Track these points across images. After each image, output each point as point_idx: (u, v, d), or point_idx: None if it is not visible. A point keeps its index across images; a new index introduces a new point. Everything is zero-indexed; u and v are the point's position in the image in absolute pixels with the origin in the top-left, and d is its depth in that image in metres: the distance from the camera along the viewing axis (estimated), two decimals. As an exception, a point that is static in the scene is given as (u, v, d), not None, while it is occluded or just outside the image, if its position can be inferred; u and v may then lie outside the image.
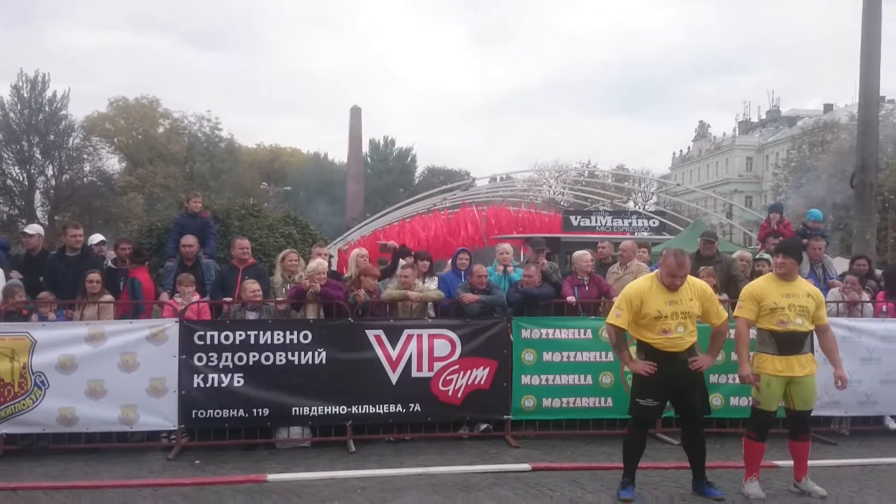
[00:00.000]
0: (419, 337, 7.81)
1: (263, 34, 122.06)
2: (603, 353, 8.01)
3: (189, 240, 9.48)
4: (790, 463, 6.38)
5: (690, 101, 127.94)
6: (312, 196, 55.26)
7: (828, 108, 65.63)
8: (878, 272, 10.33)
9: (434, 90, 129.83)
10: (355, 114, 46.48)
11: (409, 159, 72.46)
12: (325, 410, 7.61)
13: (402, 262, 9.41)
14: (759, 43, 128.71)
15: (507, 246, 9.84)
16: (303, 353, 7.59)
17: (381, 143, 71.39)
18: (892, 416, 8.54)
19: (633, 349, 6.24)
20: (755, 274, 8.55)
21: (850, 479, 6.67)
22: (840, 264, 11.55)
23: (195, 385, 7.40)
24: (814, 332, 6.27)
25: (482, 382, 7.91)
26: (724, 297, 8.33)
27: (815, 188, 40.37)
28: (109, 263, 9.90)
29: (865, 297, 8.96)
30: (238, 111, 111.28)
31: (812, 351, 6.25)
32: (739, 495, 6.11)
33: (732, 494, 6.12)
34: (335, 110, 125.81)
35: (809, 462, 6.32)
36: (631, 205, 44.31)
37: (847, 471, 6.98)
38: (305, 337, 7.61)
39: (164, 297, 8.75)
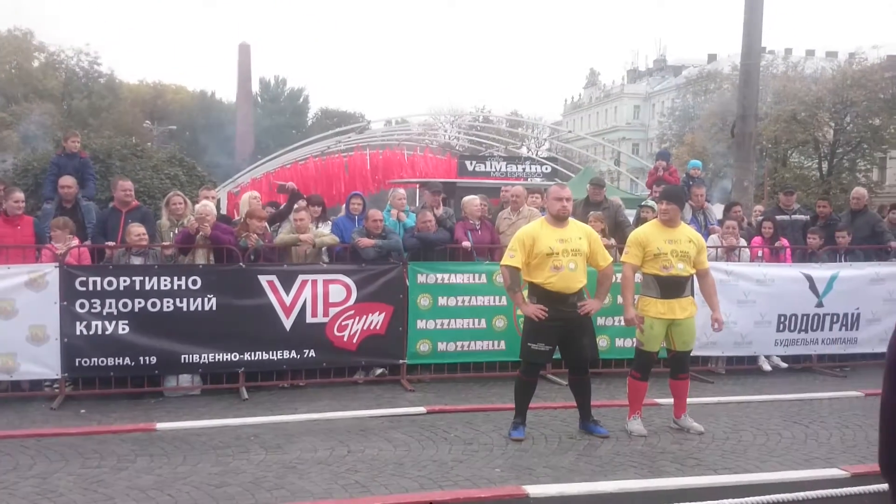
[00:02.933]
0: (314, 282, 7.72)
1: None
2: (497, 298, 8.15)
3: (67, 181, 8.97)
4: (671, 401, 6.71)
5: (581, 48, 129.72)
6: (199, 136, 53.19)
7: (711, 58, 67.80)
8: (756, 218, 10.85)
9: (328, 28, 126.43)
10: (244, 51, 44.85)
11: (301, 99, 70.58)
12: (216, 358, 7.45)
13: (294, 206, 9.20)
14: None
15: (401, 191, 9.78)
16: (192, 300, 7.37)
17: (272, 82, 69.22)
18: (766, 356, 9.11)
19: (525, 293, 6.37)
20: (640, 221, 8.84)
21: (726, 416, 7.09)
22: (720, 210, 12.08)
23: (78, 333, 7.09)
24: (695, 276, 6.56)
25: (378, 327, 7.92)
26: (612, 241, 8.59)
27: (697, 137, 42.01)
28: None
29: (742, 242, 9.42)
30: (119, 45, 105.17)
31: (692, 294, 6.55)
32: (623, 432, 6.40)
33: (616, 432, 6.41)
34: (223, 46, 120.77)
35: (688, 400, 6.68)
36: (524, 150, 44.84)
37: (723, 408, 7.41)
38: (194, 283, 7.38)
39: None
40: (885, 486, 4.90)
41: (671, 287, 6.33)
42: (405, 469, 5.48)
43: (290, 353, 7.66)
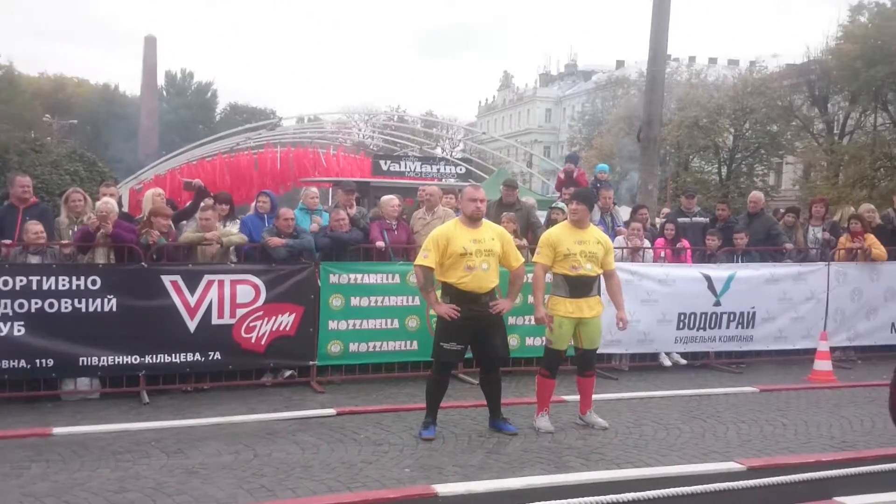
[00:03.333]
0: (220, 282, 7.54)
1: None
2: (410, 298, 8.15)
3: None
4: (577, 398, 6.86)
5: (496, 51, 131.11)
6: (101, 131, 51.26)
7: (619, 64, 69.66)
8: (659, 220, 11.21)
9: (236, 22, 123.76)
10: (150, 43, 43.36)
11: (209, 94, 68.74)
12: (116, 360, 7.19)
13: (200, 204, 8.97)
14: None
15: (314, 190, 9.66)
16: (91, 300, 7.09)
17: (179, 75, 67.22)
18: (666, 353, 9.42)
19: (438, 293, 6.40)
20: (551, 222, 9.00)
21: (629, 411, 7.29)
22: (626, 213, 12.42)
23: (-31, 335, 6.72)
24: (602, 276, 6.72)
25: (287, 328, 7.80)
26: (524, 242, 8.72)
27: (605, 140, 43.09)
28: None
29: (647, 243, 9.71)
30: (17, 36, 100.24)
31: (599, 294, 6.71)
32: (531, 429, 6.50)
33: (525, 429, 6.50)
34: (128, 38, 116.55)
35: (594, 396, 6.85)
36: (439, 151, 45.04)
37: (626, 403, 7.63)
38: (94, 283, 7.10)
39: None
40: (779, 479, 5.15)
41: (579, 287, 6.47)
42: (313, 472, 5.42)
43: (194, 356, 7.45)
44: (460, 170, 23.09)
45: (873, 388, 8.39)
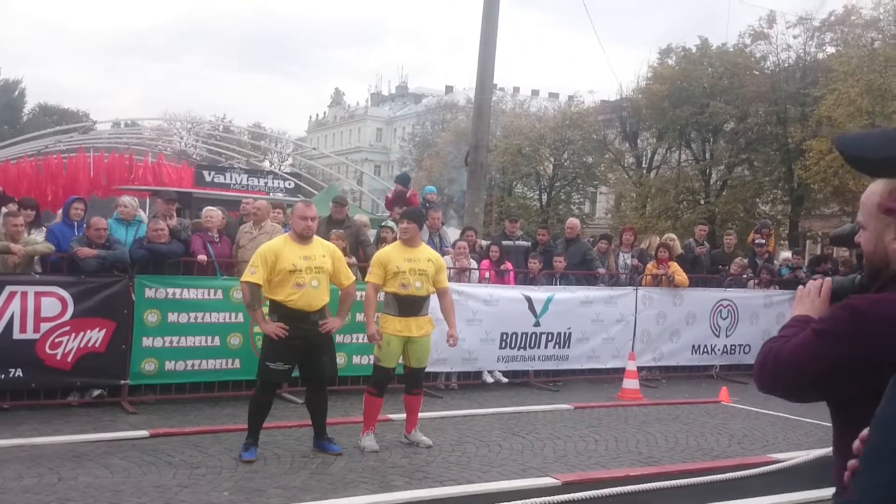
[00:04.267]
0: (23, 294, 6.96)
1: None
2: (233, 314, 7.90)
3: None
4: (403, 416, 6.90)
5: (327, 67, 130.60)
6: None
7: (449, 89, 71.51)
8: (484, 243, 11.56)
9: (49, 19, 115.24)
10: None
11: (16, 93, 63.64)
12: None
13: (3, 209, 8.25)
14: (389, 18, 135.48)
15: (127, 198, 9.10)
16: None
17: (-17, 71, 61.70)
18: (489, 371, 9.70)
19: (265, 310, 6.23)
20: (381, 241, 9.04)
21: (452, 429, 7.43)
22: (456, 234, 12.71)
23: None
24: (434, 295, 6.81)
25: (97, 345, 7.31)
26: (353, 260, 8.69)
27: (434, 163, 44.01)
28: None
29: (473, 264, 9.98)
30: None
31: (428, 313, 6.80)
32: (357, 448, 6.46)
33: (350, 448, 6.45)
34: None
35: (419, 414, 6.91)
36: (267, 164, 44.07)
37: (450, 421, 7.77)
38: None
39: None
40: (591, 493, 5.41)
41: (409, 305, 6.52)
42: (123, 496, 5.09)
43: (-9, 374, 6.82)
44: (289, 184, 22.69)
45: (677, 406, 9.06)
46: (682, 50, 32.50)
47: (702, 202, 31.26)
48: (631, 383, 9.49)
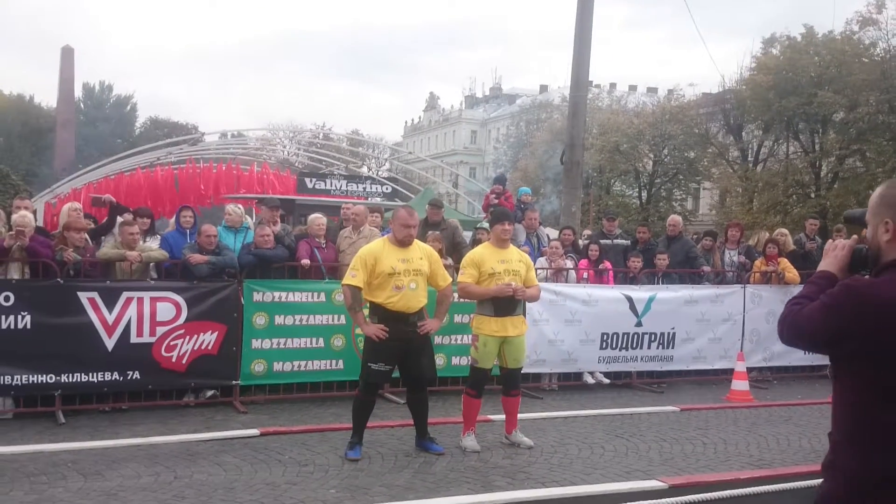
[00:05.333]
0: (140, 300, 7.32)
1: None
2: (335, 317, 8.08)
3: None
4: (503, 417, 6.89)
5: (421, 73, 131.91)
6: (15, 143, 49.31)
7: (543, 88, 70.96)
8: (582, 241, 11.42)
9: (156, 35, 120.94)
10: (67, 54, 41.98)
11: (128, 107, 66.86)
12: (30, 380, 6.91)
13: (119, 218, 8.71)
14: (482, 20, 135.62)
15: (232, 206, 9.43)
16: (3, 317, 6.80)
17: (97, 87, 65.26)
18: (590, 372, 9.57)
19: (366, 312, 6.35)
20: (476, 242, 9.06)
21: (553, 430, 7.37)
22: (554, 234, 12.62)
23: None
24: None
25: (209, 347, 7.61)
26: (449, 261, 8.75)
27: (530, 163, 43.77)
28: None
29: (570, 264, 9.87)
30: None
31: (524, 313, 6.78)
32: (458, 449, 6.50)
33: (451, 448, 6.49)
34: (44, 49, 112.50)
35: (519, 416, 6.89)
36: (365, 170, 44.92)
37: (551, 422, 7.70)
38: (7, 299, 6.81)
39: None
40: (699, 496, 5.28)
41: (505, 305, 6.52)
42: (236, 493, 5.28)
43: (111, 375, 7.20)
44: (387, 189, 23.09)
45: (789, 408, 8.71)
46: (786, 39, 31.28)
47: (812, 196, 29.98)
48: (740, 384, 9.18)
